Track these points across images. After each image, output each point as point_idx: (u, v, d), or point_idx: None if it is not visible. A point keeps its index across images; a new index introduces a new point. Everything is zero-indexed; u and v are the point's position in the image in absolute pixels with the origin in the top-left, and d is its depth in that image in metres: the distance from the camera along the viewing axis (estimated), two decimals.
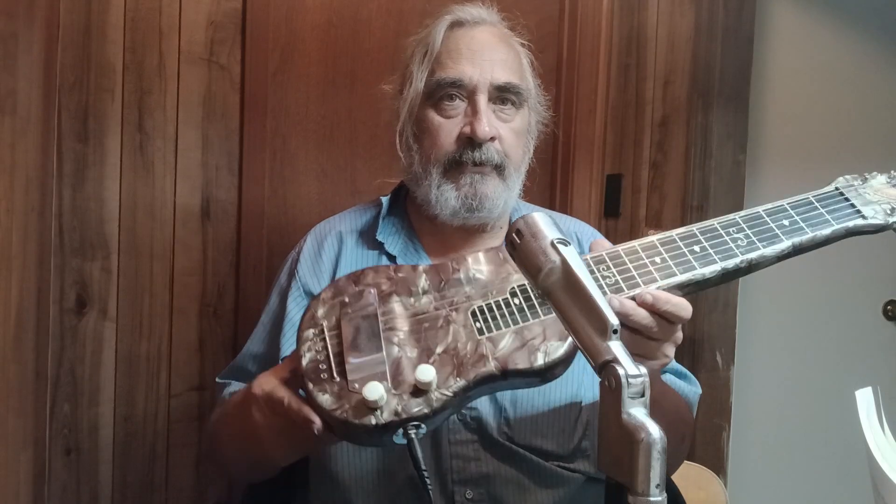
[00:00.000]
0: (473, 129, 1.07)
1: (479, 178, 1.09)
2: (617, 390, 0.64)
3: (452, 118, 1.10)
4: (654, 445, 0.61)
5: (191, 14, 1.53)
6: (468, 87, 1.09)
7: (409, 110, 1.13)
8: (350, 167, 1.68)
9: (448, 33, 1.12)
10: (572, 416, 1.06)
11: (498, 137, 1.09)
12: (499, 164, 1.09)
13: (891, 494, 0.73)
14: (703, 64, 2.02)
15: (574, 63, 1.85)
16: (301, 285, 1.15)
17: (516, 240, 0.79)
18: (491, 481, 1.03)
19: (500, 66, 1.10)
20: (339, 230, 1.19)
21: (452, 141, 1.09)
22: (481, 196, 1.09)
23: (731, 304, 2.11)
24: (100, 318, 1.49)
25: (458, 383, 0.83)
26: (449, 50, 1.11)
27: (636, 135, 1.97)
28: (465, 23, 1.14)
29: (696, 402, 1.13)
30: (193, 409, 1.57)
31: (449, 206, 1.09)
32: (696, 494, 1.81)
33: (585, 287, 0.72)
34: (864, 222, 0.95)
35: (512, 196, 1.12)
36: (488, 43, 1.12)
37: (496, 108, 1.10)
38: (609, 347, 0.67)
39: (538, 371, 0.84)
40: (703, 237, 0.92)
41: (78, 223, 1.46)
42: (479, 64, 1.09)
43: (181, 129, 1.53)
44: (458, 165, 1.09)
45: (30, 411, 1.38)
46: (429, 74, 1.11)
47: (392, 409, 0.81)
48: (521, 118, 1.13)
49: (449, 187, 1.09)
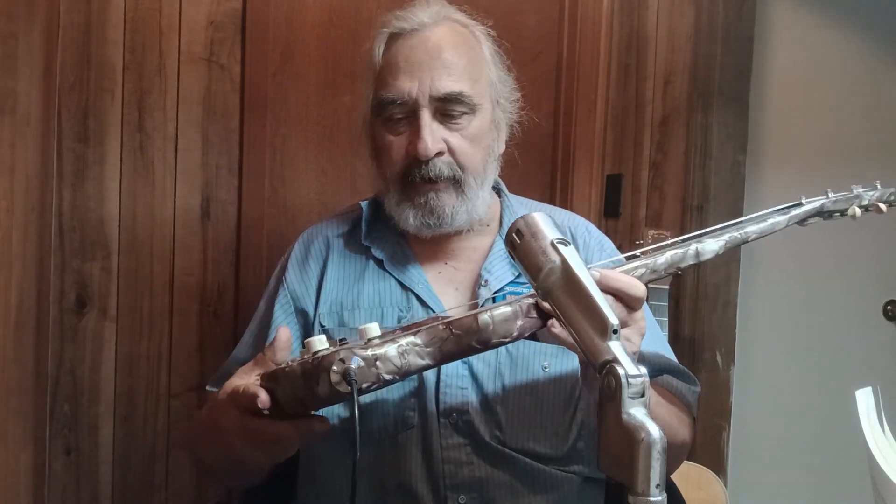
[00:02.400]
0: (416, 148, 1.04)
1: (434, 194, 1.06)
2: (617, 390, 0.64)
3: (401, 135, 1.06)
4: (654, 445, 0.61)
5: (191, 14, 1.53)
6: (409, 104, 1.04)
7: (364, 128, 1.13)
8: (350, 167, 1.68)
9: (387, 46, 1.08)
10: (566, 418, 1.05)
11: (448, 149, 1.06)
12: (452, 177, 1.06)
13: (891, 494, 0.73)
14: (703, 64, 2.02)
15: (574, 63, 1.85)
16: (288, 291, 1.14)
17: (516, 240, 0.79)
18: (484, 485, 1.02)
19: (442, 75, 1.04)
20: (327, 235, 1.18)
21: (401, 159, 1.06)
22: (438, 213, 1.06)
23: (731, 304, 2.11)
24: (100, 318, 1.49)
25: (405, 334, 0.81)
26: (388, 64, 1.07)
27: (636, 135, 1.97)
28: (403, 32, 1.08)
29: (696, 401, 1.12)
30: (193, 409, 1.56)
31: (410, 224, 1.08)
32: (696, 494, 1.81)
33: (585, 287, 0.72)
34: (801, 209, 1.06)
35: (477, 203, 1.09)
36: (428, 50, 1.05)
37: (445, 118, 1.06)
38: (609, 347, 0.67)
39: (483, 326, 0.81)
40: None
41: (78, 223, 1.46)
42: (417, 76, 1.04)
43: (181, 129, 1.53)
44: (410, 184, 1.07)
45: (30, 411, 1.38)
46: (374, 92, 1.08)
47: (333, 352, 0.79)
48: (478, 121, 1.07)
49: (406, 205, 1.07)
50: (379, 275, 1.12)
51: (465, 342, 0.81)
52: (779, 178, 2.15)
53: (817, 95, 2.11)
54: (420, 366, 0.80)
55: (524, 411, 1.04)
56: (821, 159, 2.10)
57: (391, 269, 1.12)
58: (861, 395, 0.81)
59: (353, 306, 1.09)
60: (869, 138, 2.06)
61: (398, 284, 1.10)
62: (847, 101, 2.10)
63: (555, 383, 1.05)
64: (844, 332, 2.07)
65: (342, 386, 0.76)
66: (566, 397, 1.06)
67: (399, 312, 1.08)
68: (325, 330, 1.08)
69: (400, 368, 0.79)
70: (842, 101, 2.11)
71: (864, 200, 1.11)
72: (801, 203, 1.07)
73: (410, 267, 1.12)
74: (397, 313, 1.08)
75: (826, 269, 2.08)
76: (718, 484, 1.86)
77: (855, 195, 1.10)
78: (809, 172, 2.12)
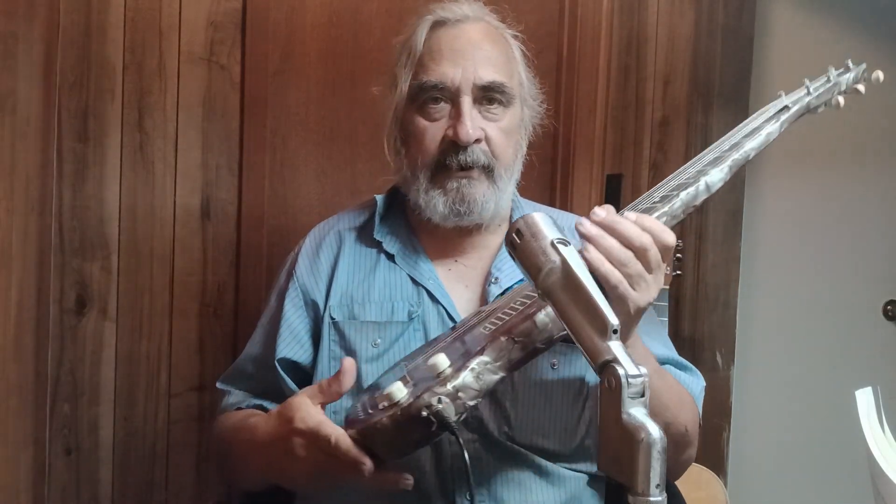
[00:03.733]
0: (456, 132, 1.05)
1: (467, 182, 1.07)
2: (617, 390, 0.64)
3: (437, 121, 1.08)
4: (654, 445, 0.61)
5: (191, 14, 1.53)
6: (451, 89, 1.06)
7: (395, 114, 1.12)
8: (350, 167, 1.68)
9: (430, 34, 1.10)
10: (575, 415, 1.05)
11: (485, 138, 1.07)
12: (486, 166, 1.08)
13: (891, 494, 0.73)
14: (703, 64, 2.02)
15: (574, 63, 1.85)
16: (299, 286, 1.14)
17: (516, 240, 0.80)
18: (492, 481, 1.02)
19: (485, 65, 1.07)
20: (338, 229, 1.19)
21: (437, 144, 1.07)
22: (469, 200, 1.07)
23: (731, 304, 2.11)
24: (100, 318, 1.49)
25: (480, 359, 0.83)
26: (431, 51, 1.09)
27: (636, 135, 1.97)
28: (447, 21, 1.10)
29: (701, 394, 1.11)
30: (193, 409, 1.57)
31: (438, 212, 1.08)
32: (696, 494, 1.81)
33: (586, 287, 0.72)
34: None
35: (504, 196, 1.11)
36: (471, 40, 1.08)
37: (482, 108, 1.08)
38: (609, 347, 0.67)
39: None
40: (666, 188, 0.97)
41: (78, 223, 1.46)
42: (461, 64, 1.06)
43: (181, 129, 1.53)
44: (444, 170, 1.07)
45: (30, 411, 1.38)
46: (412, 77, 1.09)
47: (411, 395, 0.82)
48: (511, 116, 1.11)
49: (436, 192, 1.08)
50: (390, 269, 1.12)
51: (530, 346, 0.84)
52: (779, 178, 2.15)
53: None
54: (496, 380, 0.84)
55: (533, 408, 1.04)
56: (821, 159, 2.10)
57: (402, 263, 1.13)
58: (861, 395, 0.81)
59: (364, 300, 1.10)
60: (869, 138, 2.05)
61: (409, 279, 1.11)
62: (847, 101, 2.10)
63: (563, 381, 1.05)
64: (844, 332, 2.07)
65: (436, 427, 0.80)
66: (574, 395, 1.06)
67: (410, 307, 1.09)
68: (335, 322, 1.09)
69: (480, 390, 0.82)
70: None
71: (842, 87, 1.09)
72: (787, 106, 1.04)
73: (421, 262, 1.13)
74: (408, 308, 1.09)
75: (826, 269, 2.08)
76: (718, 484, 1.86)
77: (833, 83, 1.08)
78: (809, 172, 2.12)
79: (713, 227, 2.07)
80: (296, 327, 1.12)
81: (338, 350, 1.08)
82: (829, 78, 1.08)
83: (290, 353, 1.11)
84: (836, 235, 2.08)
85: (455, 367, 0.82)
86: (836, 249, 2.07)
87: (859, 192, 2.06)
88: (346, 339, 1.08)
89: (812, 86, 1.06)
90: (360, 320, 1.08)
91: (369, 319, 1.08)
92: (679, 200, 0.93)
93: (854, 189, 2.06)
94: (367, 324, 1.08)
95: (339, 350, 1.08)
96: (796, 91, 1.06)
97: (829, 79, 1.08)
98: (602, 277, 0.82)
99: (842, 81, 1.09)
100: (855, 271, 2.06)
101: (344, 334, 1.08)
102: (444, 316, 1.08)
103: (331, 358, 1.08)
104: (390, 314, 1.08)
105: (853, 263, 2.05)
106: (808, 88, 1.06)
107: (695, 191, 0.94)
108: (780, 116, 1.04)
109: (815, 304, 2.11)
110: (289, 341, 1.11)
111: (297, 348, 1.11)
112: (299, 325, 1.12)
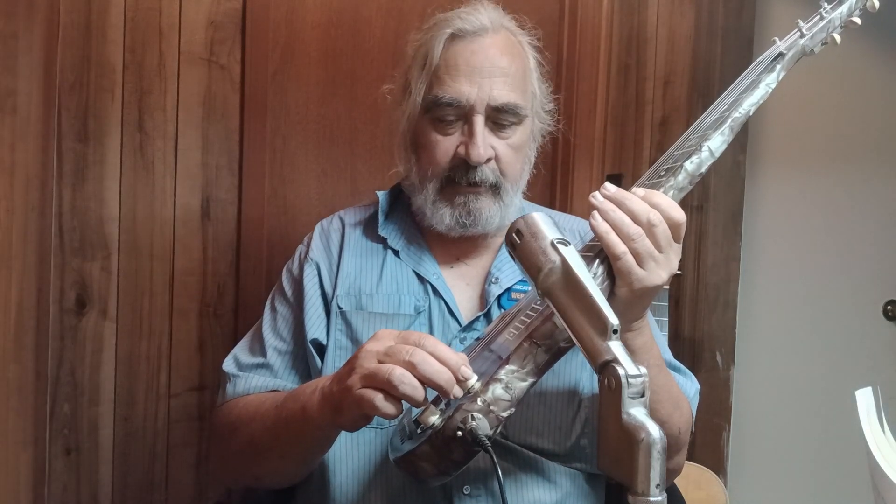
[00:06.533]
0: (468, 152, 1.06)
1: (474, 197, 1.08)
2: (617, 390, 0.64)
3: (450, 136, 1.08)
4: (654, 445, 0.61)
5: (191, 14, 1.53)
6: (465, 107, 1.06)
7: (408, 121, 1.12)
8: (350, 167, 1.68)
9: (448, 45, 1.09)
10: (570, 414, 1.05)
11: (495, 157, 1.08)
12: (494, 184, 1.08)
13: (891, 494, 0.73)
14: (703, 64, 2.02)
15: (574, 63, 1.85)
16: (315, 264, 1.14)
17: (516, 240, 0.80)
18: (488, 476, 1.02)
19: (501, 84, 1.06)
20: (343, 224, 1.20)
21: (448, 159, 1.08)
22: (475, 214, 1.08)
23: (731, 304, 2.11)
24: (100, 318, 1.49)
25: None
26: (448, 65, 1.08)
27: (636, 135, 1.97)
28: (466, 34, 1.08)
29: (695, 397, 1.12)
30: (193, 409, 1.57)
31: (444, 223, 1.10)
32: (696, 494, 1.81)
33: (585, 287, 0.72)
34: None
35: (509, 210, 1.11)
36: (489, 57, 1.07)
37: (495, 126, 1.08)
38: (609, 347, 0.67)
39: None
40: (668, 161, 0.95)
41: (78, 223, 1.46)
42: (477, 82, 1.06)
43: (181, 129, 1.53)
44: (453, 184, 1.08)
45: (30, 411, 1.38)
46: (427, 89, 1.09)
47: (444, 417, 0.82)
48: (522, 132, 1.11)
49: (443, 205, 1.09)
50: (396, 264, 1.14)
51: (554, 347, 0.84)
52: (779, 178, 2.15)
53: (817, 95, 2.11)
54: (526, 387, 0.83)
55: (527, 407, 1.04)
56: (821, 159, 2.10)
57: (407, 260, 1.14)
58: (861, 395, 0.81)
59: (372, 291, 1.11)
60: (869, 138, 2.06)
61: (414, 275, 1.12)
62: (847, 101, 2.10)
63: (558, 380, 1.05)
64: (844, 332, 2.07)
65: (473, 444, 0.80)
66: (569, 395, 1.06)
67: (416, 302, 1.10)
68: (343, 312, 1.09)
69: (512, 400, 0.82)
70: (842, 100, 2.11)
71: (836, 22, 1.01)
72: (783, 53, 0.98)
73: (426, 259, 1.14)
74: (414, 302, 1.10)
75: (826, 270, 2.08)
76: (718, 484, 1.86)
77: (827, 20, 1.00)
78: (809, 172, 2.12)
79: (713, 227, 2.07)
80: (319, 308, 1.11)
81: (344, 340, 1.08)
82: (822, 15, 1.00)
83: (318, 333, 1.10)
84: (836, 235, 2.09)
85: (483, 380, 0.82)
86: (836, 249, 2.07)
87: (859, 193, 2.06)
88: (353, 329, 1.08)
89: (805, 26, 1.00)
90: (368, 311, 1.09)
91: (377, 311, 1.09)
92: (684, 171, 0.92)
93: (854, 189, 2.07)
94: (375, 315, 1.09)
95: (346, 340, 1.08)
96: (789, 35, 1.00)
97: (823, 16, 1.00)
98: (606, 247, 0.83)
99: (836, 17, 1.01)
100: (855, 271, 2.06)
101: (351, 324, 1.09)
102: (447, 313, 1.09)
103: (336, 347, 1.08)
104: (397, 307, 1.09)
105: (853, 263, 2.06)
106: (802, 30, 0.99)
107: (698, 159, 0.92)
108: (776, 64, 0.98)
109: (815, 304, 2.11)
110: (315, 322, 1.10)
111: (322, 329, 1.10)
112: (320, 306, 1.12)
